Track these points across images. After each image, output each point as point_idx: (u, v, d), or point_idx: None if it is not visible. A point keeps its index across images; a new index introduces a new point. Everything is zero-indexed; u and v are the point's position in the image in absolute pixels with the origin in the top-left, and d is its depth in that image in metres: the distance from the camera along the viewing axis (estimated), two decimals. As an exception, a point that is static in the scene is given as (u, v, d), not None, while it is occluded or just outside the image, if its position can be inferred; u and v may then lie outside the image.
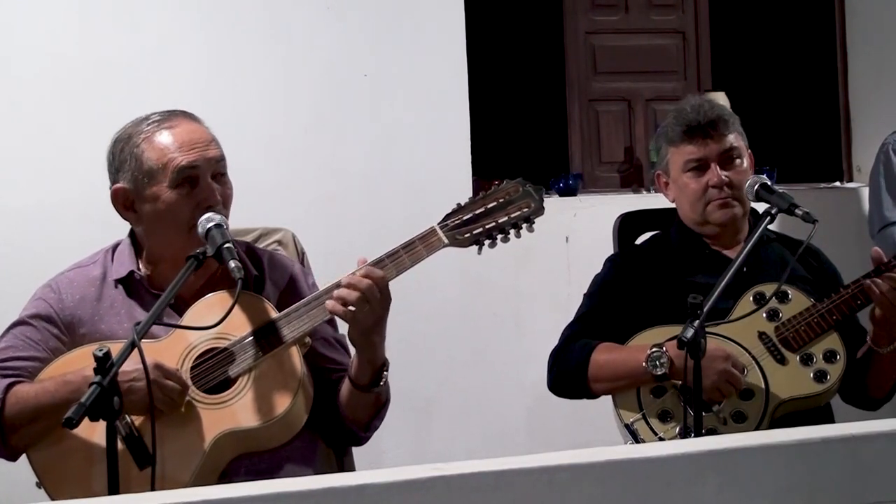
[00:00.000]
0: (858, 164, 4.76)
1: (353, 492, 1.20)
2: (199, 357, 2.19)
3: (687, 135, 2.70)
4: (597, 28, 4.81)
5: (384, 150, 3.91)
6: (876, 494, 1.36)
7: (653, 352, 2.51)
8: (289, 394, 2.17)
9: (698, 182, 2.69)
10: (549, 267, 3.97)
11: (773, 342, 2.56)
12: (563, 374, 2.67)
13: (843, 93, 4.87)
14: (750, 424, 2.49)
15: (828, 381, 2.52)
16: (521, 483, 1.25)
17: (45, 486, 2.17)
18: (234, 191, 2.31)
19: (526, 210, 2.24)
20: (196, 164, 2.23)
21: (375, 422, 2.33)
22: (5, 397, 2.16)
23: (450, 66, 3.97)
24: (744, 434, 1.76)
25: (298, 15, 3.84)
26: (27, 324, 2.28)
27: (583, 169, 4.69)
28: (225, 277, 2.20)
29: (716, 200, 2.67)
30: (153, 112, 2.31)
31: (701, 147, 2.69)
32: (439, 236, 2.21)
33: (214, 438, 2.13)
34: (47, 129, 3.61)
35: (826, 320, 2.55)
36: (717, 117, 2.71)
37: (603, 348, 2.62)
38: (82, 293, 2.30)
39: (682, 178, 2.72)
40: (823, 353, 2.54)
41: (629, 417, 2.56)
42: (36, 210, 3.57)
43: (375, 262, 2.18)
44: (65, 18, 3.65)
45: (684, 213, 2.78)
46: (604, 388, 2.63)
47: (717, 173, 2.67)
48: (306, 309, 2.20)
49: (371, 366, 2.23)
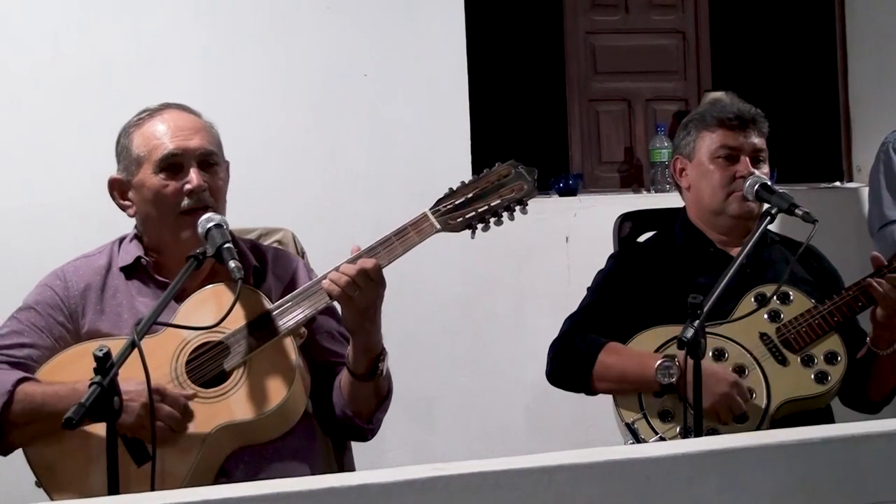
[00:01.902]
0: (858, 164, 4.75)
1: (353, 492, 1.20)
2: (194, 351, 2.19)
3: (726, 121, 2.71)
4: (597, 28, 4.81)
5: (384, 150, 3.91)
6: (876, 494, 1.37)
7: (664, 361, 2.50)
8: (285, 385, 2.17)
9: (726, 170, 2.69)
10: (549, 267, 3.97)
11: (774, 343, 2.56)
12: (565, 368, 2.66)
13: (843, 93, 4.87)
14: (751, 425, 2.49)
15: (829, 382, 2.53)
16: (521, 483, 1.25)
17: (43, 484, 2.17)
18: (234, 190, 2.31)
19: (519, 192, 2.22)
20: (178, 149, 2.24)
21: (378, 414, 2.32)
22: (13, 392, 2.15)
23: (450, 65, 3.97)
24: (744, 434, 1.76)
25: (298, 15, 3.84)
26: (33, 310, 2.28)
27: (583, 169, 4.69)
28: (225, 272, 2.20)
29: (740, 192, 2.67)
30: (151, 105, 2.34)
31: (738, 136, 2.70)
32: (431, 221, 2.21)
33: (211, 432, 2.13)
34: (46, 130, 3.61)
35: (827, 322, 2.55)
36: (758, 115, 2.74)
37: (611, 349, 2.61)
38: (87, 281, 2.30)
39: (709, 163, 2.72)
40: (824, 355, 2.54)
41: (630, 417, 2.56)
42: (34, 210, 3.57)
43: (368, 250, 2.18)
44: (64, 19, 3.65)
45: (699, 201, 2.75)
46: (606, 388, 2.63)
47: (747, 165, 2.67)
48: (300, 299, 2.20)
49: (366, 354, 2.22)
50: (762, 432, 2.15)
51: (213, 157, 2.28)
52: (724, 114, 2.73)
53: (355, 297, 2.14)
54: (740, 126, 2.71)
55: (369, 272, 2.14)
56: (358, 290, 2.14)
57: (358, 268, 2.14)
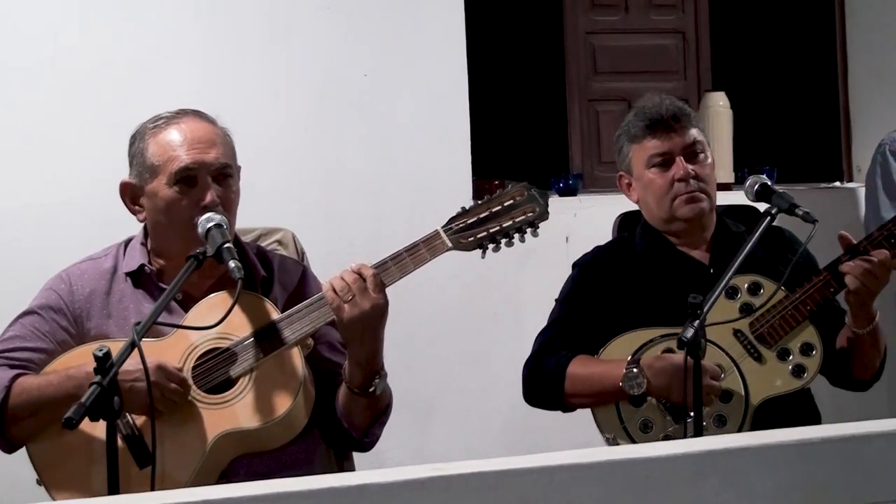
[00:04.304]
0: (858, 164, 4.75)
1: (353, 492, 1.20)
2: (201, 357, 2.20)
3: (650, 129, 2.66)
4: (597, 28, 4.81)
5: (384, 150, 3.91)
6: (876, 494, 1.37)
7: (628, 372, 2.48)
8: (290, 395, 2.17)
9: (664, 177, 2.65)
10: (550, 267, 3.95)
11: (748, 340, 2.55)
12: (538, 387, 2.64)
13: (843, 93, 4.87)
14: (731, 427, 2.49)
15: (805, 376, 2.53)
16: (521, 483, 1.25)
17: (44, 482, 2.17)
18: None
19: (531, 215, 2.23)
20: (195, 164, 2.23)
21: (375, 429, 2.32)
22: (10, 387, 2.17)
23: (450, 66, 3.97)
24: (744, 434, 1.77)
25: (298, 15, 3.84)
26: (37, 314, 2.29)
27: (583, 169, 4.69)
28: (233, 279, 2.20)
29: (683, 195, 2.64)
30: (168, 110, 2.32)
31: (665, 141, 2.65)
32: (443, 240, 2.21)
33: (215, 438, 2.13)
34: (46, 130, 3.60)
35: (800, 311, 2.53)
36: (678, 110, 2.68)
37: (578, 362, 2.59)
38: (93, 286, 2.30)
39: (646, 174, 2.68)
40: (800, 347, 2.54)
41: (610, 432, 2.55)
42: (36, 210, 3.56)
43: (379, 265, 2.18)
44: (65, 19, 3.65)
45: (650, 212, 2.73)
46: (581, 403, 2.62)
47: (682, 166, 2.63)
48: (308, 310, 2.21)
49: (360, 368, 2.21)
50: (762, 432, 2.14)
51: (227, 170, 2.28)
52: (646, 121, 2.67)
53: (350, 302, 2.14)
54: (665, 128, 2.66)
55: (366, 279, 2.14)
56: (352, 295, 2.14)
57: (355, 273, 2.15)
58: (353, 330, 2.17)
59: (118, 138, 2.38)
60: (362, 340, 2.18)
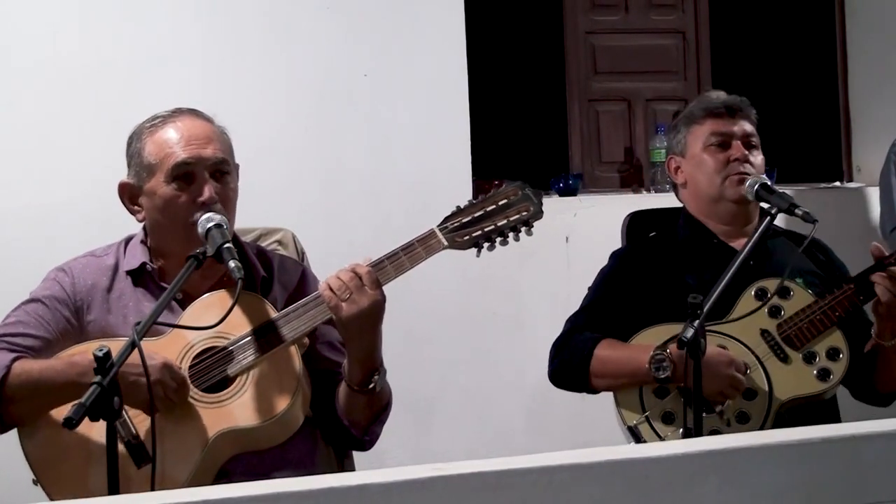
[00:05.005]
0: (858, 164, 4.75)
1: (353, 492, 1.20)
2: (198, 356, 2.19)
3: (713, 112, 2.74)
4: (597, 28, 4.81)
5: (384, 150, 3.91)
6: (876, 494, 1.36)
7: (656, 355, 2.50)
8: (287, 393, 2.17)
9: (719, 156, 2.71)
10: (549, 267, 3.97)
11: (775, 340, 2.56)
12: (564, 366, 2.66)
13: (843, 93, 4.87)
14: (753, 425, 2.49)
15: (831, 379, 2.53)
16: (521, 483, 1.25)
17: (41, 483, 2.17)
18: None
19: (525, 214, 2.24)
20: (192, 159, 2.23)
21: (374, 426, 2.32)
22: (10, 366, 2.16)
23: (450, 66, 3.97)
24: (744, 434, 1.76)
25: (298, 15, 3.84)
26: (41, 302, 2.29)
27: (583, 169, 4.69)
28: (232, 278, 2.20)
29: (734, 175, 2.68)
30: (165, 109, 2.33)
31: (728, 123, 2.73)
32: (439, 238, 2.21)
33: (212, 437, 2.13)
34: (46, 130, 3.60)
35: (829, 317, 2.54)
36: (742, 101, 2.77)
37: (606, 344, 2.61)
38: (94, 280, 2.31)
39: (702, 153, 2.73)
40: (826, 351, 2.54)
41: (632, 419, 2.55)
42: (36, 210, 3.57)
43: (375, 264, 2.19)
44: (65, 19, 3.65)
45: (697, 192, 2.76)
46: (605, 385, 2.63)
47: (740, 148, 2.69)
48: (305, 309, 2.21)
49: (360, 365, 2.22)
50: (762, 432, 2.14)
51: (225, 166, 2.28)
52: (711, 105, 2.76)
53: (347, 301, 2.14)
54: (728, 114, 2.74)
55: (362, 277, 2.15)
56: (349, 293, 2.14)
57: (351, 272, 2.15)
58: (351, 327, 2.17)
59: (118, 138, 2.38)
60: (361, 337, 2.19)
